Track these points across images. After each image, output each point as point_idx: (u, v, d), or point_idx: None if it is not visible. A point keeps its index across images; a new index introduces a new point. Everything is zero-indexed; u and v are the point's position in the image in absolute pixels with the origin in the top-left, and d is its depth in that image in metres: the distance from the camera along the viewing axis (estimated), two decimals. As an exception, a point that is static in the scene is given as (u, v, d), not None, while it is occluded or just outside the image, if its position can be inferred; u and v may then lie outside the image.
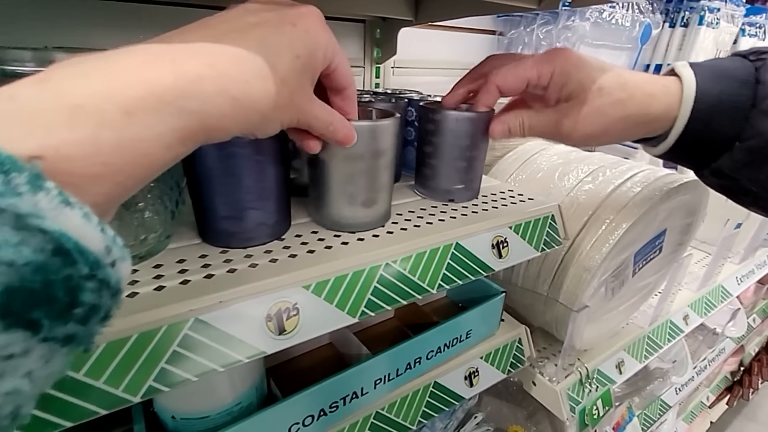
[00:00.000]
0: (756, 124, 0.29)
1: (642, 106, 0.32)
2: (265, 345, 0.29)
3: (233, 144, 0.29)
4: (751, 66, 0.30)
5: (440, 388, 0.47)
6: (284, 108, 0.22)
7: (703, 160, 0.33)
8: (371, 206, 0.36)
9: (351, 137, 0.29)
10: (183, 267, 0.30)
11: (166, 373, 0.25)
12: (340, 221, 0.36)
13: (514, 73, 0.34)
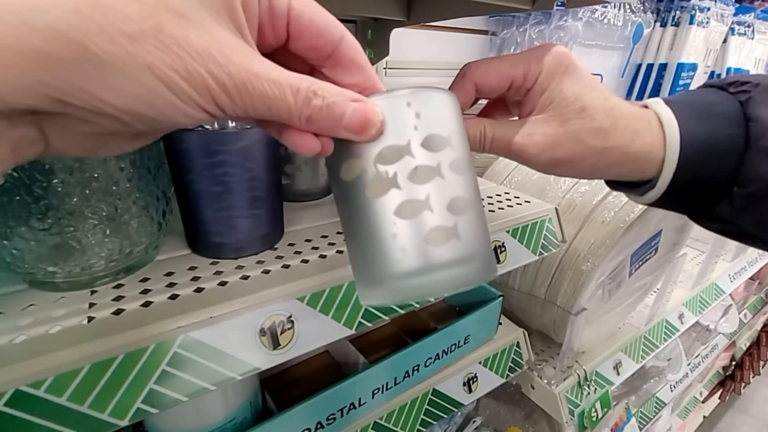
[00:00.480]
0: (754, 167, 0.25)
1: (624, 140, 0.26)
2: (259, 361, 0.28)
3: (222, 151, 0.28)
4: (734, 100, 0.27)
5: (439, 395, 0.47)
6: (168, 45, 0.14)
7: (699, 207, 0.29)
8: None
9: (370, 116, 0.18)
10: (171, 280, 0.29)
11: (155, 395, 0.24)
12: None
13: (498, 69, 0.27)
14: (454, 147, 0.19)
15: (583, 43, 0.79)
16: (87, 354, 0.22)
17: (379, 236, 0.19)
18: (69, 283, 0.27)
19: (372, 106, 0.18)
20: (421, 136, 0.19)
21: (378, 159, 0.18)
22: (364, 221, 0.19)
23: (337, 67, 0.19)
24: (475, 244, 0.20)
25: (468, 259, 0.19)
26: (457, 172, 0.19)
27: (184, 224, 0.32)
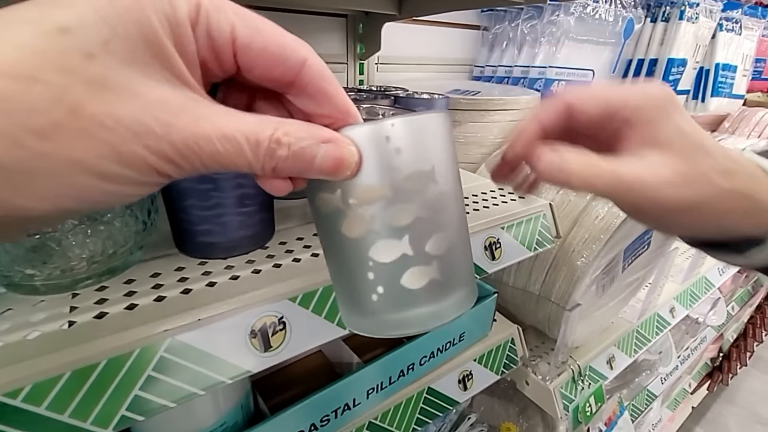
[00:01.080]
0: None
1: (749, 184, 0.22)
2: (250, 363, 0.27)
3: None
4: None
5: (434, 394, 0.46)
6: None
7: None
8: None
9: (344, 157, 0.16)
10: (157, 282, 0.28)
11: (140, 401, 0.23)
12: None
13: (595, 92, 0.23)
14: (438, 181, 0.18)
15: (574, 39, 0.79)
16: (67, 360, 0.21)
17: (356, 274, 0.18)
18: (49, 286, 0.26)
19: (346, 146, 0.16)
20: (402, 174, 0.17)
21: (353, 198, 0.17)
22: (340, 256, 0.18)
23: (302, 95, 0.17)
24: (457, 279, 0.19)
25: (448, 295, 0.18)
26: (441, 207, 0.18)
27: (170, 223, 0.31)
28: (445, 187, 0.18)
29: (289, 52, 0.15)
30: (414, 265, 0.17)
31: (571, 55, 0.80)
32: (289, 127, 0.15)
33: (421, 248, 0.17)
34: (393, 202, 0.17)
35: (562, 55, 0.79)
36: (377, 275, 0.18)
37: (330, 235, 0.18)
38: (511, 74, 0.86)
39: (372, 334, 0.19)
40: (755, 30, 1.06)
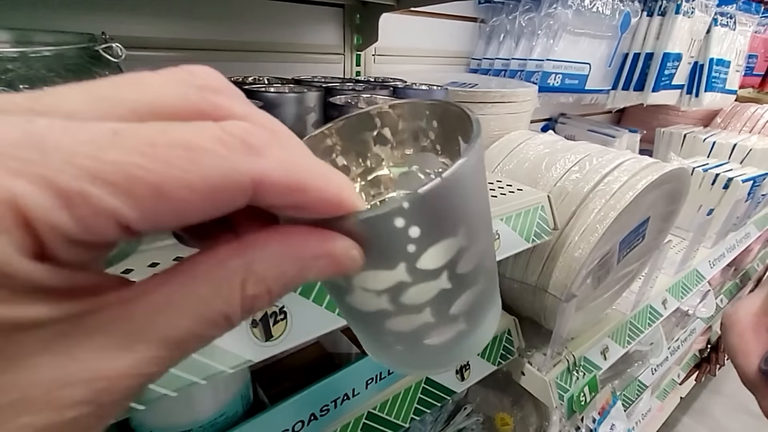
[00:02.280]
0: None
1: None
2: (251, 353, 0.27)
3: None
4: None
5: (432, 384, 0.47)
6: None
7: None
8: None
9: (345, 266, 0.12)
10: (156, 271, 0.27)
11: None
12: None
13: None
14: (466, 243, 0.14)
15: (572, 32, 0.79)
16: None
17: (376, 340, 0.17)
18: (44, 276, 0.25)
19: (347, 255, 0.12)
20: (419, 255, 0.13)
21: (361, 283, 0.14)
22: (356, 322, 0.17)
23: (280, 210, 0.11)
24: (483, 321, 0.17)
25: (477, 334, 0.17)
26: (468, 268, 0.14)
27: None
28: (474, 247, 0.14)
29: (223, 195, 0.09)
30: (437, 328, 0.15)
31: (568, 48, 0.80)
32: (260, 267, 0.10)
33: (446, 313, 0.15)
34: (410, 282, 0.14)
35: (559, 48, 0.79)
36: (396, 339, 0.16)
37: (342, 304, 0.16)
38: (508, 67, 0.86)
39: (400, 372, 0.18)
40: (749, 26, 1.07)
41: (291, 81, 0.50)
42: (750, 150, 1.00)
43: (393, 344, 0.16)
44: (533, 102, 0.70)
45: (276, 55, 0.67)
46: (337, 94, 0.41)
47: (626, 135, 1.00)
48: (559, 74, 0.81)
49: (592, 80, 0.86)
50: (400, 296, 0.14)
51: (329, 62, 0.74)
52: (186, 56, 0.56)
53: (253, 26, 0.63)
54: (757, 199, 0.95)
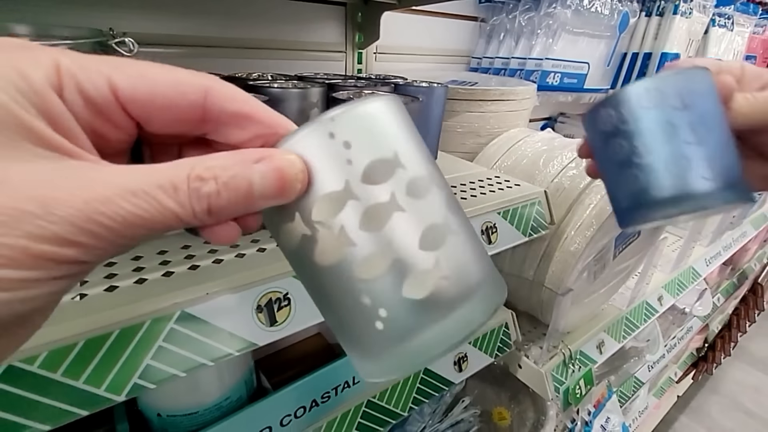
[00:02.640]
0: None
1: None
2: (256, 337, 0.28)
3: None
4: None
5: (431, 375, 0.48)
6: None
7: None
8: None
9: (285, 169, 0.13)
10: (165, 258, 0.28)
11: (152, 370, 0.24)
12: None
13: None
14: (407, 165, 0.15)
15: (571, 31, 0.80)
16: (81, 330, 0.22)
17: (350, 306, 0.15)
18: (58, 261, 0.26)
19: (283, 158, 0.13)
20: (361, 168, 0.14)
21: (316, 215, 0.14)
22: (327, 291, 0.15)
23: (220, 127, 0.15)
24: (470, 272, 0.16)
25: (467, 295, 0.15)
26: (420, 194, 0.15)
27: None
28: (418, 172, 0.15)
29: (185, 86, 0.13)
30: (411, 269, 0.14)
31: (567, 48, 0.81)
32: (209, 161, 0.13)
33: (413, 247, 0.14)
34: (361, 202, 0.14)
35: (558, 48, 0.80)
36: (373, 296, 0.14)
37: (307, 271, 0.15)
38: (508, 66, 0.87)
39: (396, 375, 0.16)
40: (746, 26, 1.08)
41: (294, 77, 0.51)
42: (747, 150, 1.00)
43: (374, 311, 0.14)
44: (532, 100, 0.71)
45: (279, 52, 0.67)
46: (339, 90, 0.42)
47: (624, 134, 1.01)
48: (558, 73, 0.82)
49: (591, 79, 0.87)
50: (357, 220, 0.14)
51: (331, 60, 0.75)
52: (191, 53, 0.57)
53: (256, 24, 0.64)
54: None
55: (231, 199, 0.13)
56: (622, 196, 0.26)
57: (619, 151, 0.25)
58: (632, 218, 0.26)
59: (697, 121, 0.23)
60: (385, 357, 0.15)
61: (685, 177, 0.23)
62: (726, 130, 0.24)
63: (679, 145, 0.23)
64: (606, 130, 0.26)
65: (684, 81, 0.24)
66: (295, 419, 0.36)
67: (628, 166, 0.25)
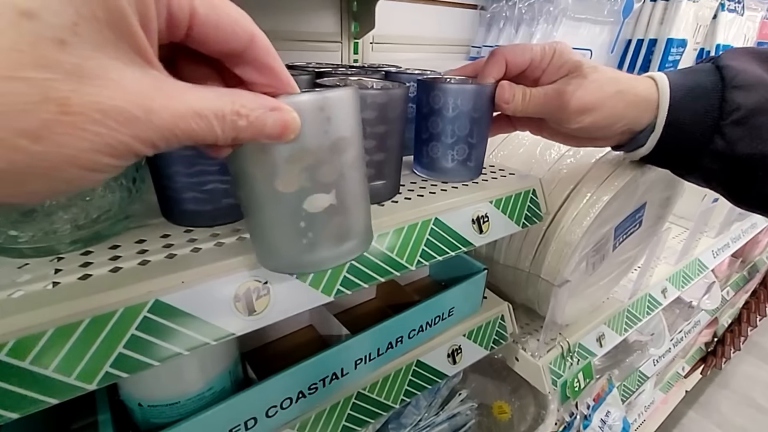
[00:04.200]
0: (733, 99, 0.32)
1: (630, 85, 0.36)
2: (233, 326, 0.27)
3: None
4: (707, 61, 0.36)
5: (423, 367, 0.47)
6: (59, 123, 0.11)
7: (695, 150, 0.35)
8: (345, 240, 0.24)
9: (289, 123, 0.18)
10: (143, 248, 0.28)
11: (124, 359, 0.24)
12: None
13: (522, 49, 0.37)
14: (355, 145, 0.22)
15: (572, 17, 0.78)
16: (51, 318, 0.22)
17: (287, 222, 0.22)
18: (34, 250, 0.26)
19: (290, 113, 0.18)
20: (331, 139, 0.20)
21: (291, 159, 0.20)
22: (272, 208, 0.22)
23: (247, 66, 0.18)
24: (364, 226, 0.25)
25: (360, 239, 0.25)
26: (356, 168, 0.23)
27: (156, 192, 0.31)
28: (358, 151, 0.23)
29: (240, 30, 0.17)
30: (339, 215, 0.22)
31: (568, 35, 0.79)
32: (243, 99, 0.16)
33: (344, 201, 0.22)
34: (323, 162, 0.21)
35: (560, 35, 0.78)
36: (308, 224, 0.22)
37: (263, 191, 0.21)
38: (507, 54, 0.85)
39: (290, 272, 0.26)
40: (758, 11, 1.04)
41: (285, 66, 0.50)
42: (757, 138, 0.97)
43: (304, 232, 0.22)
44: (531, 88, 0.69)
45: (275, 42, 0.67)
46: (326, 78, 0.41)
47: (629, 124, 0.98)
48: (559, 61, 0.80)
49: (594, 67, 0.85)
50: (316, 173, 0.21)
51: (327, 50, 0.74)
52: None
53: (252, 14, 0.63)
54: (763, 188, 0.93)
55: (250, 133, 0.17)
56: None
57: None
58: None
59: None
60: (290, 263, 0.24)
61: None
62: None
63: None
64: None
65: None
66: (281, 410, 0.36)
67: None
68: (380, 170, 0.35)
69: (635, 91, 0.35)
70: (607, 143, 0.41)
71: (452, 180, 0.42)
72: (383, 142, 0.33)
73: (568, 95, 0.35)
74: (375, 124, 0.32)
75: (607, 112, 0.35)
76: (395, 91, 0.32)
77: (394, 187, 0.38)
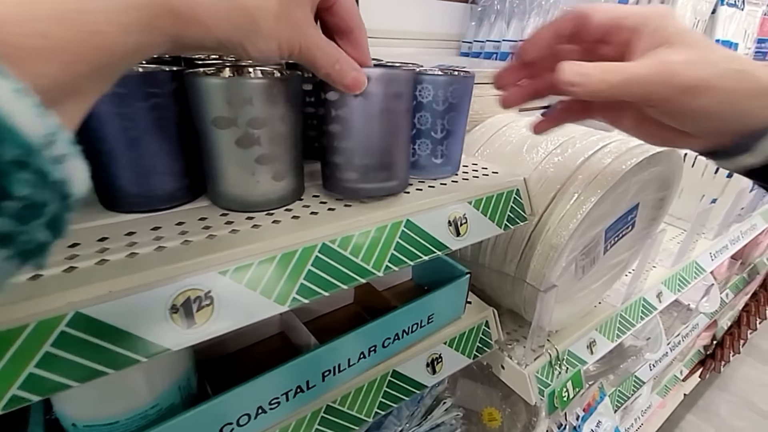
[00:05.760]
0: None
1: (752, 66, 0.26)
2: (169, 341, 0.24)
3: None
4: None
5: (399, 377, 0.44)
6: (285, 23, 0.20)
7: None
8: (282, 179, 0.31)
9: (360, 82, 0.27)
10: (73, 252, 0.25)
11: (36, 380, 0.21)
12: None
13: (604, 6, 0.28)
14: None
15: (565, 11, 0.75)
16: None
17: (241, 174, 0.29)
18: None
19: (363, 75, 0.27)
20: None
21: (250, 124, 0.27)
22: (229, 161, 0.29)
23: (346, 40, 0.27)
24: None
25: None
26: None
27: (93, 184, 0.28)
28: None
29: (357, 15, 0.26)
30: (277, 167, 0.31)
31: (561, 29, 0.76)
32: (343, 56, 0.25)
33: (284, 158, 0.31)
34: (275, 129, 0.29)
35: (552, 29, 0.75)
36: (257, 174, 0.30)
37: (222, 145, 0.28)
38: (499, 49, 0.83)
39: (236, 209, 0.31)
40: (759, 5, 1.01)
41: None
42: (757, 137, 0.94)
43: (254, 181, 0.30)
44: (521, 84, 0.66)
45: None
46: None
47: (626, 122, 0.95)
48: (552, 56, 0.77)
49: (588, 63, 0.82)
50: (269, 137, 0.29)
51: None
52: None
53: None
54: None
55: (338, 77, 0.26)
56: None
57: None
58: None
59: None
60: (239, 202, 0.31)
61: None
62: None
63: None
64: None
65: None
66: (238, 427, 0.33)
67: None
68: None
69: (758, 74, 0.25)
70: (704, 143, 0.30)
71: (423, 177, 0.40)
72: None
73: (673, 68, 0.25)
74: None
75: (721, 95, 0.26)
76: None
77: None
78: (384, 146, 0.31)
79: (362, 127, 0.30)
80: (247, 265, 0.27)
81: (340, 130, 0.30)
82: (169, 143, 0.28)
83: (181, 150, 0.29)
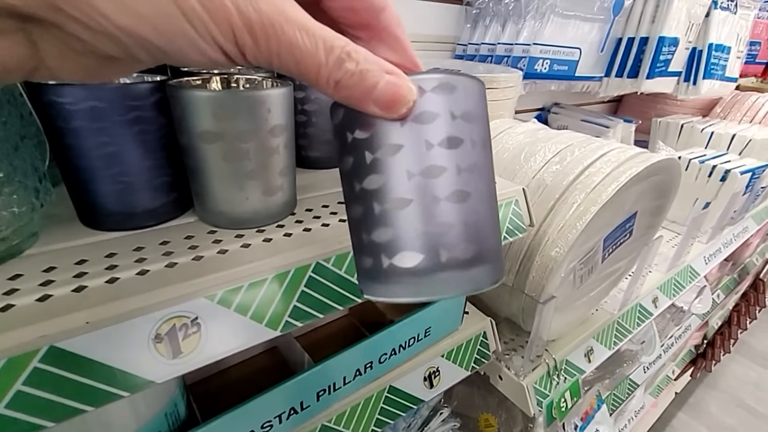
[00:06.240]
0: None
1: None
2: (153, 373, 0.23)
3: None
4: None
5: (396, 393, 0.43)
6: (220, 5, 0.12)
7: None
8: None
9: (403, 94, 0.15)
10: (49, 278, 0.24)
11: (6, 422, 0.19)
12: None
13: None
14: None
15: (561, 14, 0.74)
16: None
17: (229, 190, 0.27)
18: None
19: (407, 83, 0.15)
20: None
21: (238, 138, 0.23)
22: (216, 177, 0.26)
23: (374, 39, 0.17)
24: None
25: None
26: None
27: (73, 201, 0.27)
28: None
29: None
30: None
31: (556, 32, 0.75)
32: (358, 48, 0.15)
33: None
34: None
35: (547, 32, 0.74)
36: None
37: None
38: (494, 52, 0.82)
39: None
40: (751, 9, 1.02)
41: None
42: (749, 140, 0.95)
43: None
44: (517, 89, 0.65)
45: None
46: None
47: (621, 125, 0.95)
48: (547, 60, 0.76)
49: (583, 66, 0.82)
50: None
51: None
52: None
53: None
54: (756, 191, 0.91)
55: (355, 85, 0.15)
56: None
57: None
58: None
59: None
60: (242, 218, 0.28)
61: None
62: None
63: None
64: None
65: None
66: (228, 454, 0.31)
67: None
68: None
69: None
70: None
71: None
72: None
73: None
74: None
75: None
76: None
77: None
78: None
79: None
80: (236, 288, 0.26)
81: (380, 184, 0.16)
82: (152, 158, 0.27)
83: (165, 164, 0.28)
